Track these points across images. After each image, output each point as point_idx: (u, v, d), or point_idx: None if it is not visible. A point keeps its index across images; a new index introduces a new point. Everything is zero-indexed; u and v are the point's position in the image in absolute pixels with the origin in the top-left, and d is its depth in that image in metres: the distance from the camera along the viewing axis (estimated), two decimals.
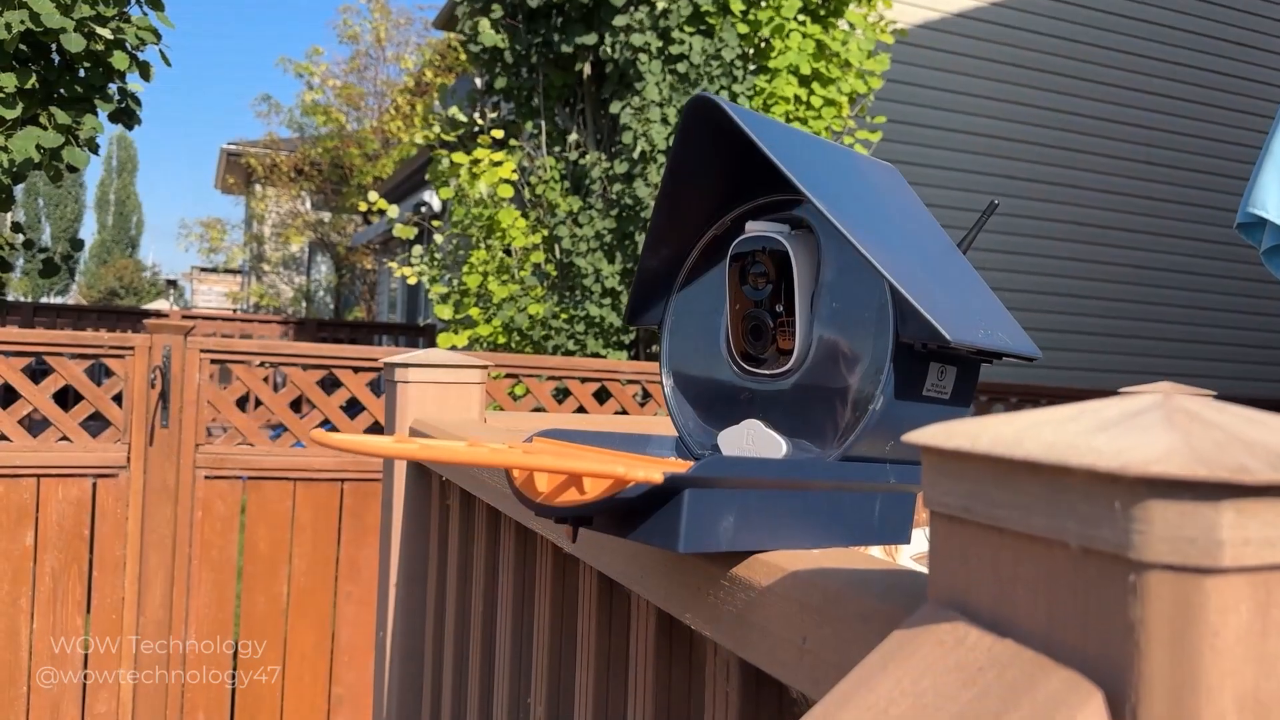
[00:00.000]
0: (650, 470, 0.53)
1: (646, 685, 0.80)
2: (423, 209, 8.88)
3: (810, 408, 0.73)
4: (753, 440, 0.74)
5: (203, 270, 24.82)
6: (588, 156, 4.05)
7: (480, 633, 1.23)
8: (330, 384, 3.46)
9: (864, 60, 4.39)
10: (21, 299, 22.45)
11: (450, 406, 1.60)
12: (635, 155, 3.77)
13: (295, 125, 14.86)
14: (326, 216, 14.99)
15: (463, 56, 4.46)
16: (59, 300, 30.29)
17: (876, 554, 0.95)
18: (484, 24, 4.13)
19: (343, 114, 14.13)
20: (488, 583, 1.23)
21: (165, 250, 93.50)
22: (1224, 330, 6.94)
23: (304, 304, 16.90)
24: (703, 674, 0.74)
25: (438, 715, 1.44)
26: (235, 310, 20.59)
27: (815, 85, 4.22)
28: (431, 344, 8.28)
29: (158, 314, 9.14)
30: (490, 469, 1.09)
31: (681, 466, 0.60)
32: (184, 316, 9.10)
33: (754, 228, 0.73)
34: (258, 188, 16.31)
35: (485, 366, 1.64)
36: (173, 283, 25.68)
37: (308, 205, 15.61)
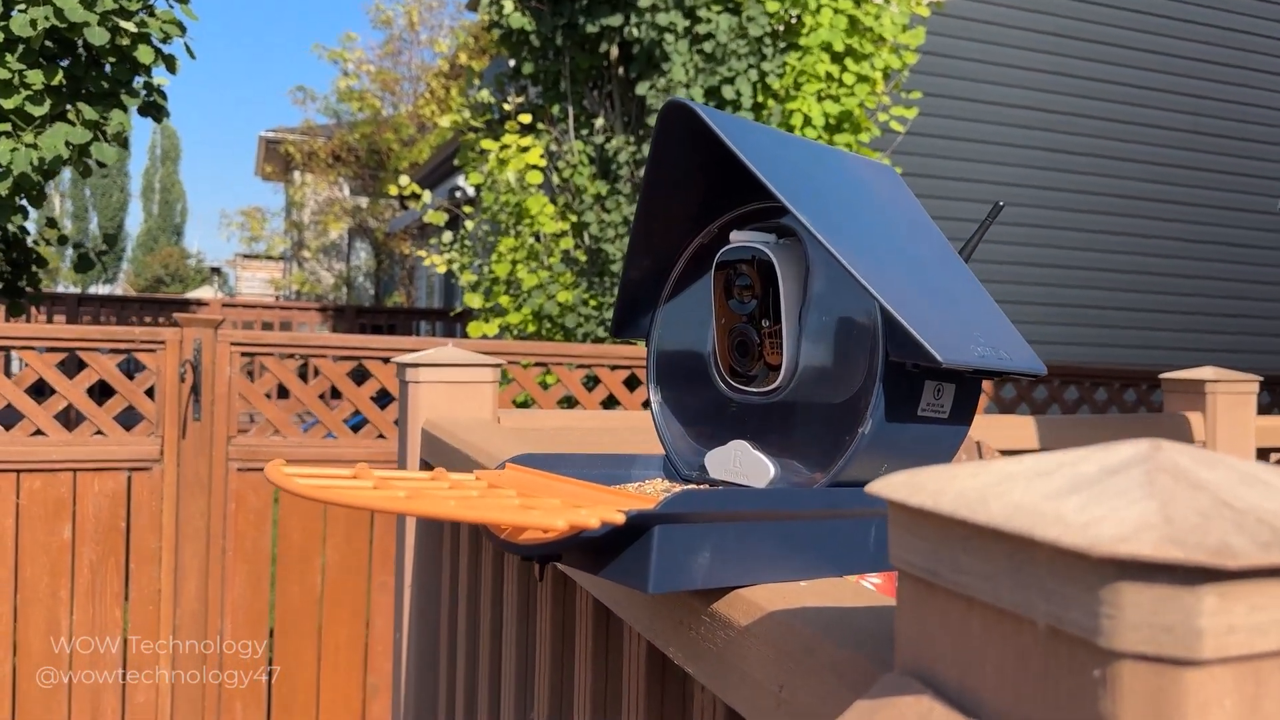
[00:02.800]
0: (607, 512, 0.50)
1: (639, 714, 0.77)
2: (457, 194, 8.89)
3: (799, 428, 0.69)
4: (740, 462, 0.71)
5: (245, 257, 25.12)
6: (614, 140, 4.00)
7: (488, 642, 1.21)
8: (361, 375, 3.46)
9: (899, 34, 4.29)
10: (70, 289, 22.88)
11: (462, 406, 1.57)
12: None
13: (331, 112, 14.94)
14: (364, 202, 15.07)
15: (495, 38, 4.42)
16: (106, 289, 30.87)
17: (874, 580, 0.91)
18: (508, 5, 4.09)
19: (378, 99, 14.17)
20: (494, 591, 1.21)
21: (209, 238, 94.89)
22: (1275, 304, 6.75)
23: (344, 290, 17.04)
24: (692, 711, 0.71)
25: (452, 714, 1.43)
26: (277, 298, 20.82)
27: (848, 61, 4.13)
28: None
29: (198, 303, 9.25)
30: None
31: (651, 501, 0.57)
32: (225, 305, 9.20)
33: (738, 238, 0.69)
34: (296, 175, 16.43)
35: (497, 365, 1.62)
36: (217, 270, 26.05)
37: (346, 191, 15.70)
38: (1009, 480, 0.36)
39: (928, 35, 5.35)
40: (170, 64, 3.62)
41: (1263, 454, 2.34)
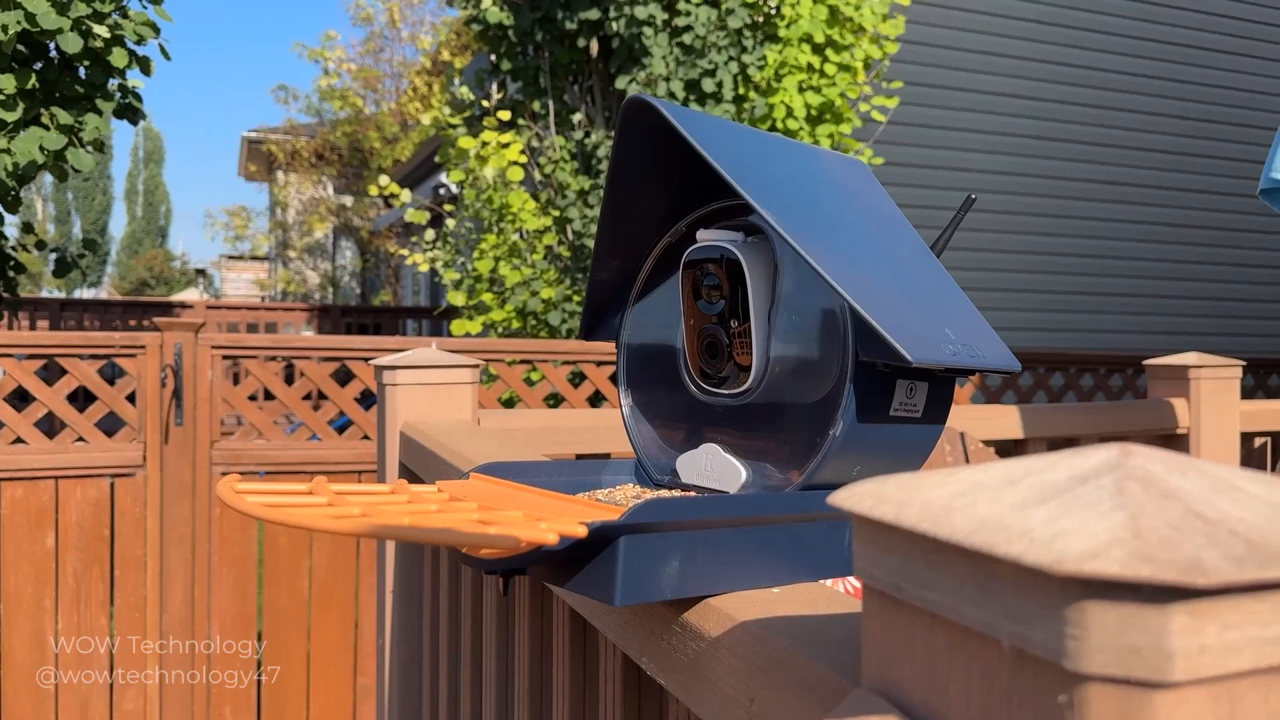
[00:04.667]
0: (568, 525, 0.48)
1: None
2: (441, 191, 8.85)
3: (771, 430, 0.67)
4: (711, 466, 0.69)
5: (230, 258, 24.98)
6: (594, 135, 3.98)
7: (469, 650, 1.20)
8: (344, 376, 3.43)
9: (879, 24, 4.28)
10: (54, 294, 22.73)
11: (441, 408, 1.56)
12: None
13: (313, 111, 14.85)
14: (349, 201, 15.00)
15: (474, 34, 4.39)
16: (91, 293, 30.65)
17: (851, 584, 0.89)
18: (486, 0, 4.06)
19: (360, 97, 14.09)
20: (475, 598, 1.20)
21: (194, 239, 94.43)
22: (1262, 287, 6.76)
23: (330, 290, 16.96)
24: None
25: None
26: (263, 299, 20.72)
27: (829, 52, 4.11)
28: None
29: (183, 305, 9.19)
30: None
31: (617, 511, 0.55)
32: (209, 307, 9.14)
33: (705, 236, 0.68)
34: (280, 174, 16.34)
35: (476, 365, 1.60)
36: (202, 272, 25.88)
37: (329, 190, 15.62)
38: (976, 490, 0.35)
39: (909, 24, 5.34)
40: (145, 66, 3.58)
41: (1247, 438, 2.34)
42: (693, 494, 0.70)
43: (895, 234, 0.68)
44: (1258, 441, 2.38)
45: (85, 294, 30.36)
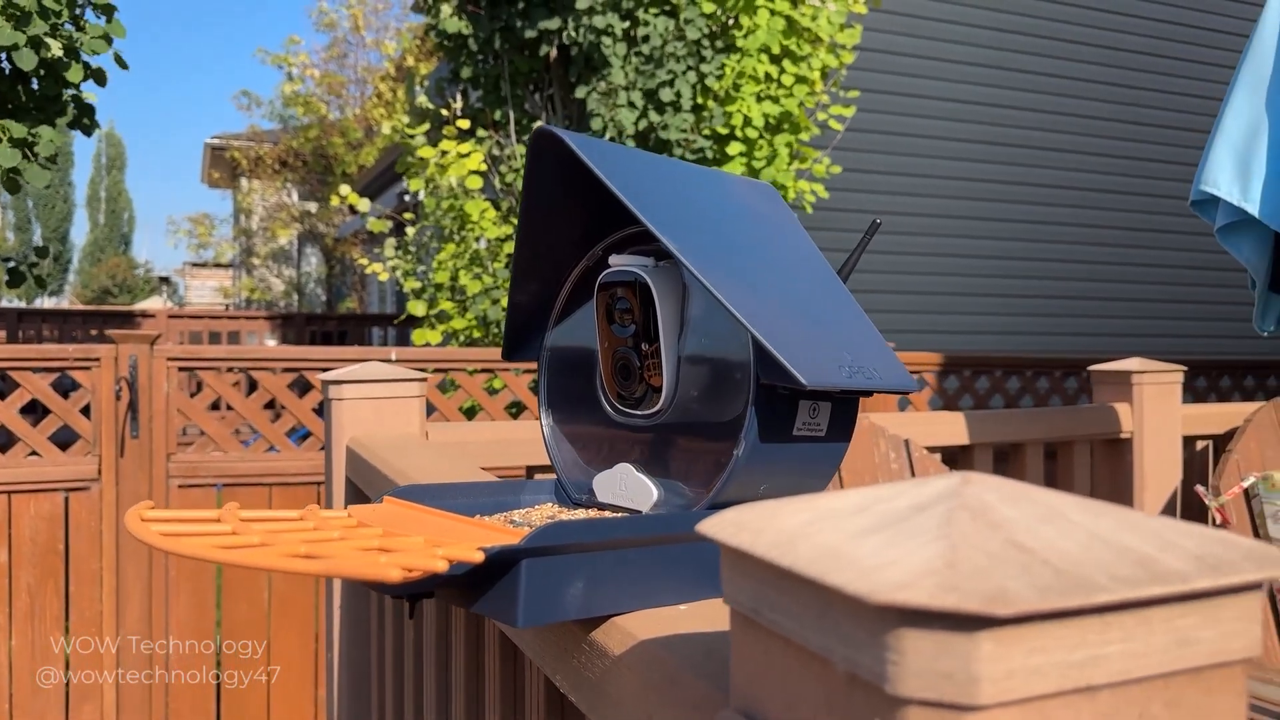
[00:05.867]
0: (465, 551, 0.50)
1: None
2: (406, 198, 8.82)
3: (681, 450, 0.69)
4: (625, 486, 0.71)
5: (194, 266, 24.74)
6: None
7: (412, 669, 1.21)
8: (304, 386, 3.42)
9: (836, 34, 4.32)
10: (14, 303, 22.38)
11: (387, 422, 1.56)
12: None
13: (277, 117, 14.75)
14: (313, 208, 14.91)
15: (435, 43, 4.39)
16: (52, 302, 30.23)
17: None
18: (445, 9, 4.07)
19: (324, 104, 14.01)
20: (418, 619, 1.20)
21: (158, 246, 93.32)
22: (1208, 289, 6.88)
23: (295, 297, 16.83)
24: None
25: None
26: (227, 306, 20.53)
27: (786, 63, 4.15)
28: None
29: (144, 314, 9.10)
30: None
31: (518, 535, 0.57)
32: (171, 316, 9.05)
33: (616, 261, 0.70)
34: (243, 181, 16.20)
35: (423, 379, 1.61)
36: (166, 279, 25.60)
37: (294, 197, 15.52)
38: (825, 518, 0.37)
39: (866, 32, 5.40)
40: (99, 78, 3.56)
41: (1189, 441, 2.38)
42: (608, 514, 0.72)
43: (800, 259, 0.71)
44: (1199, 444, 2.42)
45: (47, 303, 29.94)
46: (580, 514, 0.73)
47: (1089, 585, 0.31)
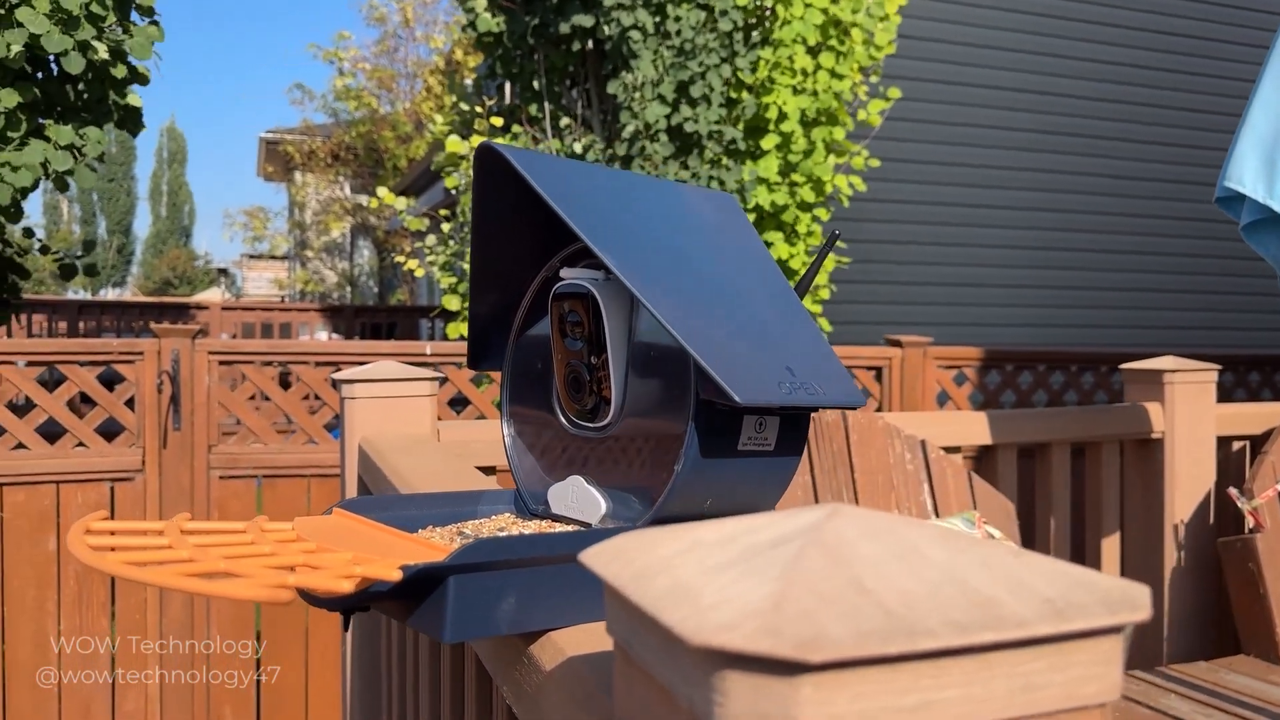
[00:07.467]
0: (382, 569, 0.50)
1: None
2: (452, 193, 8.88)
3: (630, 463, 0.69)
4: (576, 498, 0.71)
5: (251, 258, 25.20)
6: (581, 140, 4.00)
7: (412, 678, 1.22)
8: None
9: (875, 26, 4.27)
10: (79, 295, 22.99)
11: (398, 421, 1.58)
12: (627, 135, 3.71)
13: (329, 111, 14.95)
14: (365, 200, 15.10)
15: (472, 40, 4.42)
16: (115, 293, 30.99)
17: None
18: (480, 5, 4.09)
19: (374, 97, 14.17)
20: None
21: (217, 239, 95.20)
22: (1245, 279, 6.68)
23: (348, 289, 17.07)
24: None
25: None
26: (283, 298, 20.89)
27: (823, 56, 4.11)
28: None
29: (199, 306, 9.30)
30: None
31: (444, 551, 0.57)
32: (224, 308, 9.25)
33: (567, 274, 0.70)
34: (297, 175, 16.46)
35: (433, 379, 1.63)
36: (224, 271, 26.15)
37: (346, 190, 15.73)
38: (692, 550, 0.37)
39: (907, 19, 5.32)
40: (143, 79, 3.63)
41: (1225, 442, 2.32)
42: (558, 526, 0.72)
43: (751, 273, 0.70)
44: (1235, 445, 2.36)
45: (110, 294, 30.73)
46: (534, 525, 0.73)
47: (917, 630, 0.30)
